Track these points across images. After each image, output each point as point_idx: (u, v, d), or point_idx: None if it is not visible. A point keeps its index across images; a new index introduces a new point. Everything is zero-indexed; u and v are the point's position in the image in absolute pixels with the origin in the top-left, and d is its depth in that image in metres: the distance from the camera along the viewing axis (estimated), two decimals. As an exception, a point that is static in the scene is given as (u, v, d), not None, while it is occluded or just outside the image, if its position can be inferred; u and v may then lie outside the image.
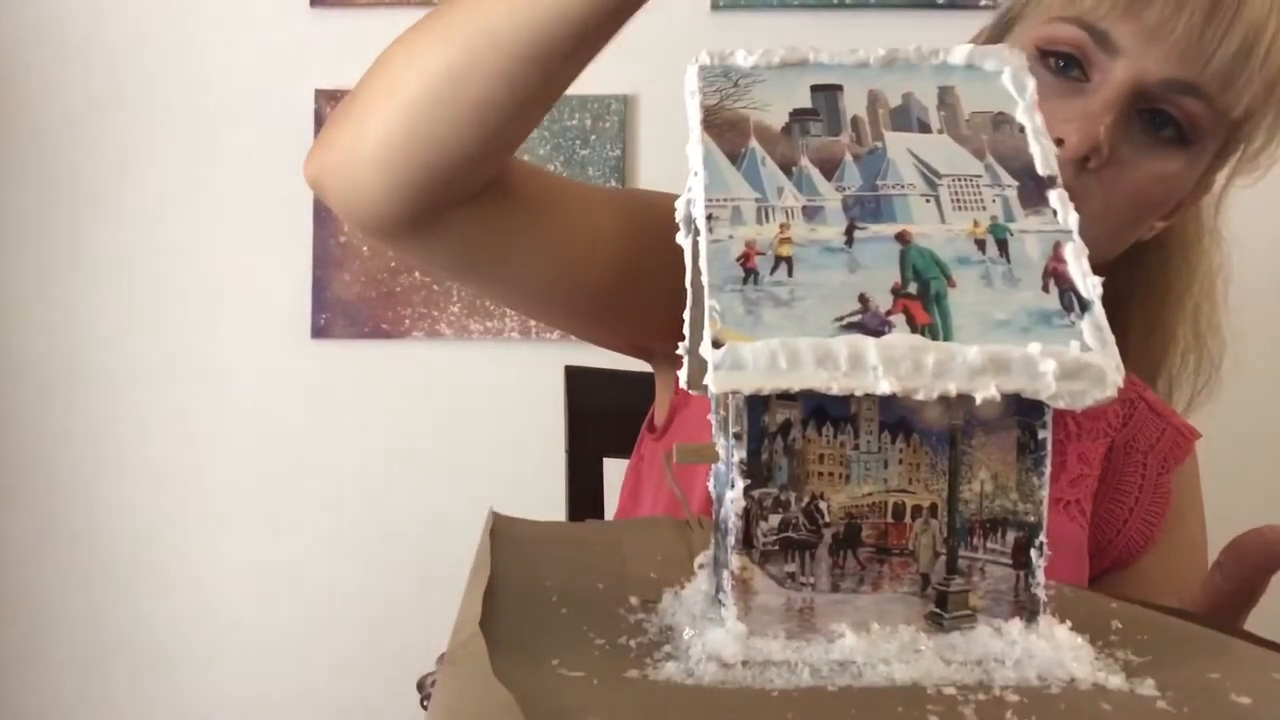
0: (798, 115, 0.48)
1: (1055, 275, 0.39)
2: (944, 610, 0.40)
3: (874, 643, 0.40)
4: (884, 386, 0.37)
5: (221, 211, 1.43)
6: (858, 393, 0.38)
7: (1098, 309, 0.38)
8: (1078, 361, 0.37)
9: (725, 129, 0.48)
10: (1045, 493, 0.40)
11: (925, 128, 0.46)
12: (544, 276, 0.73)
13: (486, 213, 0.67)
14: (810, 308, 0.40)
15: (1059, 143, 0.68)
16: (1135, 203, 0.73)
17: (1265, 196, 0.83)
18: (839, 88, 0.50)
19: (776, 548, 0.42)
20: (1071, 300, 0.38)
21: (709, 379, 0.39)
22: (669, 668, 0.39)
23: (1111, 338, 0.37)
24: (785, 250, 0.43)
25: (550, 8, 0.58)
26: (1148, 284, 0.87)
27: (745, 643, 0.41)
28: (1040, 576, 0.40)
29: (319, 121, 1.43)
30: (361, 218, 0.65)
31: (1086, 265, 0.39)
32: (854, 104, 0.48)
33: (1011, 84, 0.47)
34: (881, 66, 0.49)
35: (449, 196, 0.64)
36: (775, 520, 0.42)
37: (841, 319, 0.40)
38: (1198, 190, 0.79)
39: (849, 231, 0.43)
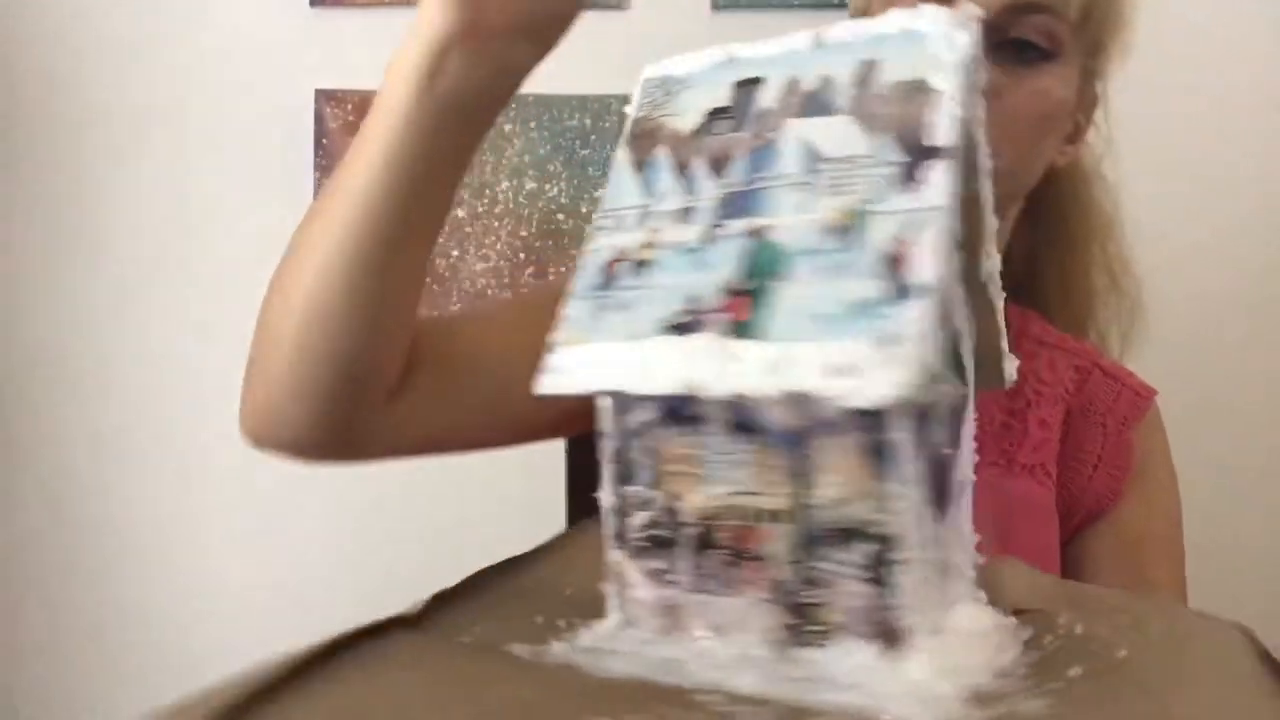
0: (712, 115, 0.47)
1: (897, 261, 0.35)
2: (802, 622, 0.38)
3: (715, 647, 0.38)
4: (670, 388, 0.36)
5: (222, 211, 1.43)
6: (652, 394, 0.37)
7: (927, 297, 0.34)
8: (849, 360, 0.34)
9: (642, 139, 0.48)
10: (909, 503, 0.36)
11: (831, 110, 0.43)
12: (505, 425, 0.74)
13: (413, 395, 0.68)
14: (644, 311, 0.40)
15: None
16: (1032, 122, 0.76)
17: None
18: (759, 81, 0.48)
19: (646, 544, 0.42)
20: (902, 288, 0.34)
21: (538, 381, 0.40)
22: (555, 647, 0.41)
23: (925, 329, 0.33)
24: (646, 255, 0.43)
25: (370, 201, 0.59)
26: (1052, 244, 0.90)
27: (617, 634, 0.42)
28: (903, 598, 0.36)
29: (319, 121, 1.42)
30: (305, 449, 0.66)
31: (941, 245, 0.35)
32: (769, 95, 0.46)
33: (943, 44, 0.43)
34: (811, 51, 0.47)
35: (368, 397, 0.65)
36: (642, 517, 0.42)
37: (665, 320, 0.39)
38: (1085, 104, 0.82)
39: (710, 230, 0.41)
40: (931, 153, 0.38)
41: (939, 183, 0.37)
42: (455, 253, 1.45)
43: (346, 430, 0.65)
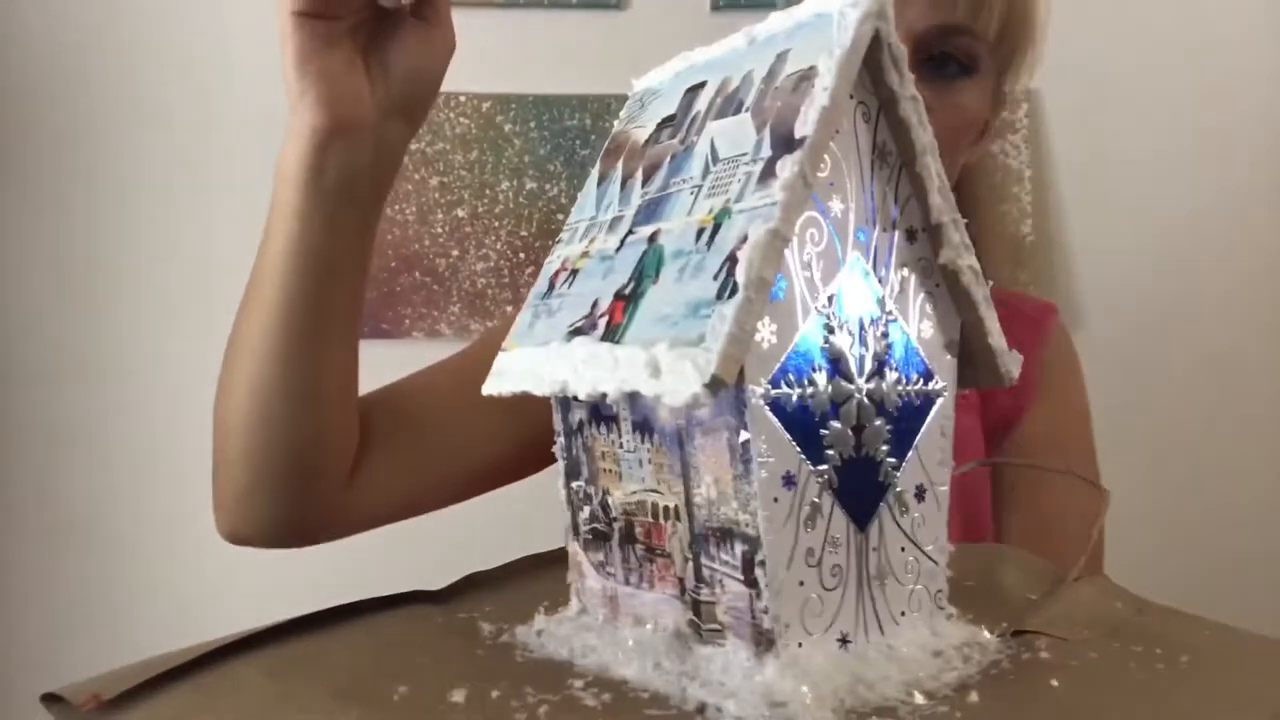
0: (660, 125, 0.47)
1: (734, 260, 0.34)
2: (699, 619, 0.38)
3: (631, 636, 0.40)
4: (552, 389, 0.37)
5: (222, 212, 1.44)
6: (547, 394, 0.39)
7: (740, 296, 0.33)
8: (660, 361, 0.33)
9: (611, 153, 0.49)
10: (759, 503, 0.35)
11: (740, 109, 0.43)
12: (469, 480, 0.77)
13: (371, 471, 0.70)
14: (563, 317, 0.41)
15: None
16: (951, 133, 0.80)
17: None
18: (702, 85, 0.48)
19: (590, 537, 0.44)
20: (732, 287, 0.33)
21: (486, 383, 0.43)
22: (518, 629, 0.44)
23: (735, 330, 0.32)
24: (580, 264, 0.44)
25: (281, 296, 0.61)
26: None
27: (571, 619, 0.44)
28: (768, 603, 0.35)
29: (321, 121, 1.43)
30: (277, 538, 0.68)
31: (765, 241, 0.34)
32: (703, 99, 0.46)
33: (836, 26, 0.39)
34: (745, 48, 0.46)
35: (325, 480, 0.67)
36: (585, 512, 0.44)
37: (572, 325, 0.40)
38: (995, 107, 0.87)
39: (624, 238, 0.42)
40: (793, 144, 0.36)
41: (785, 176, 0.36)
42: (455, 253, 1.45)
43: (310, 518, 0.67)
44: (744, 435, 0.35)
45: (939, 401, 0.42)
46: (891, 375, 0.40)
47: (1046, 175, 1.38)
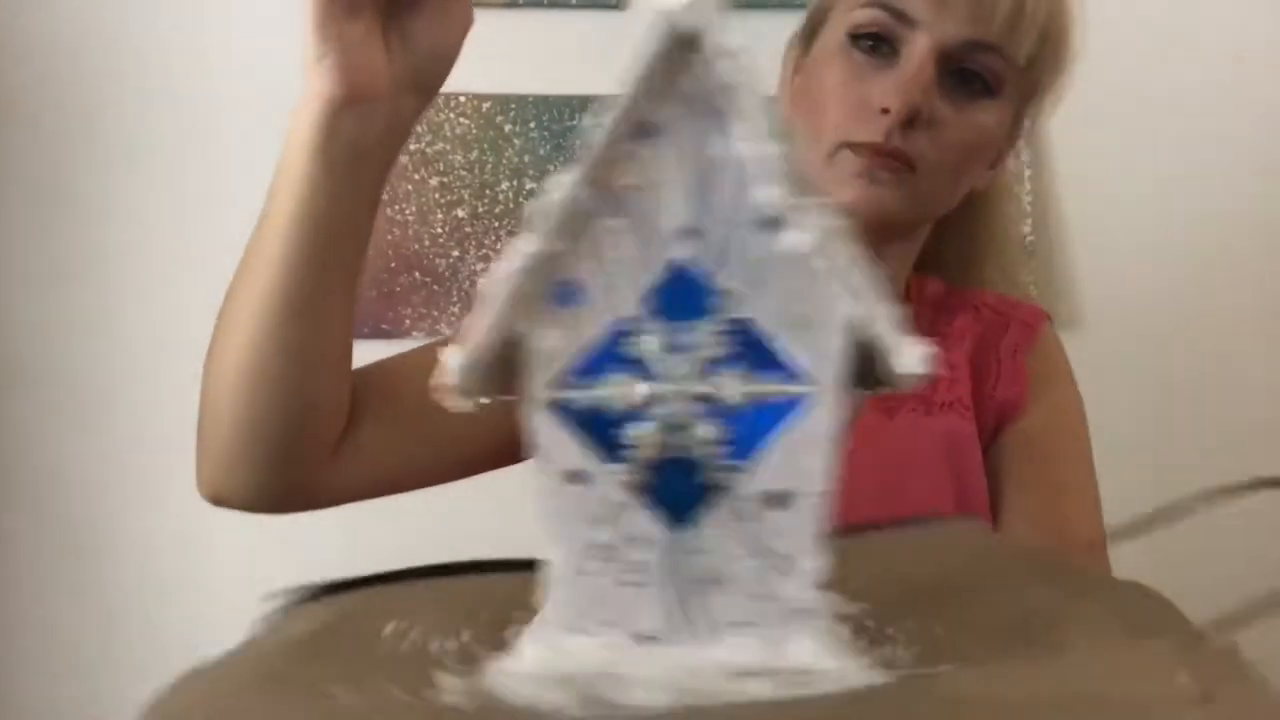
0: None
1: None
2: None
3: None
4: None
5: (222, 212, 1.44)
6: None
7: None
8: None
9: None
10: (539, 498, 0.40)
11: None
12: (457, 462, 0.78)
13: (362, 441, 0.71)
14: None
15: (884, 111, 0.78)
16: (962, 153, 0.82)
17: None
18: None
19: None
20: None
21: None
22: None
23: (474, 329, 0.37)
24: None
25: (283, 259, 0.62)
26: (958, 239, 0.96)
27: None
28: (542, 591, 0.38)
29: (320, 121, 1.42)
30: (259, 502, 0.69)
31: (514, 240, 0.37)
32: None
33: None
34: None
35: (313, 448, 0.68)
36: None
37: None
38: (1012, 136, 0.88)
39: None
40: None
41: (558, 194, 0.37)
42: (455, 253, 1.45)
43: (295, 484, 0.68)
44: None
45: (806, 403, 0.39)
46: (731, 375, 0.38)
47: (1046, 175, 1.39)
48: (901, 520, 0.57)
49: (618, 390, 0.37)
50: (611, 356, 0.38)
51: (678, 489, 0.38)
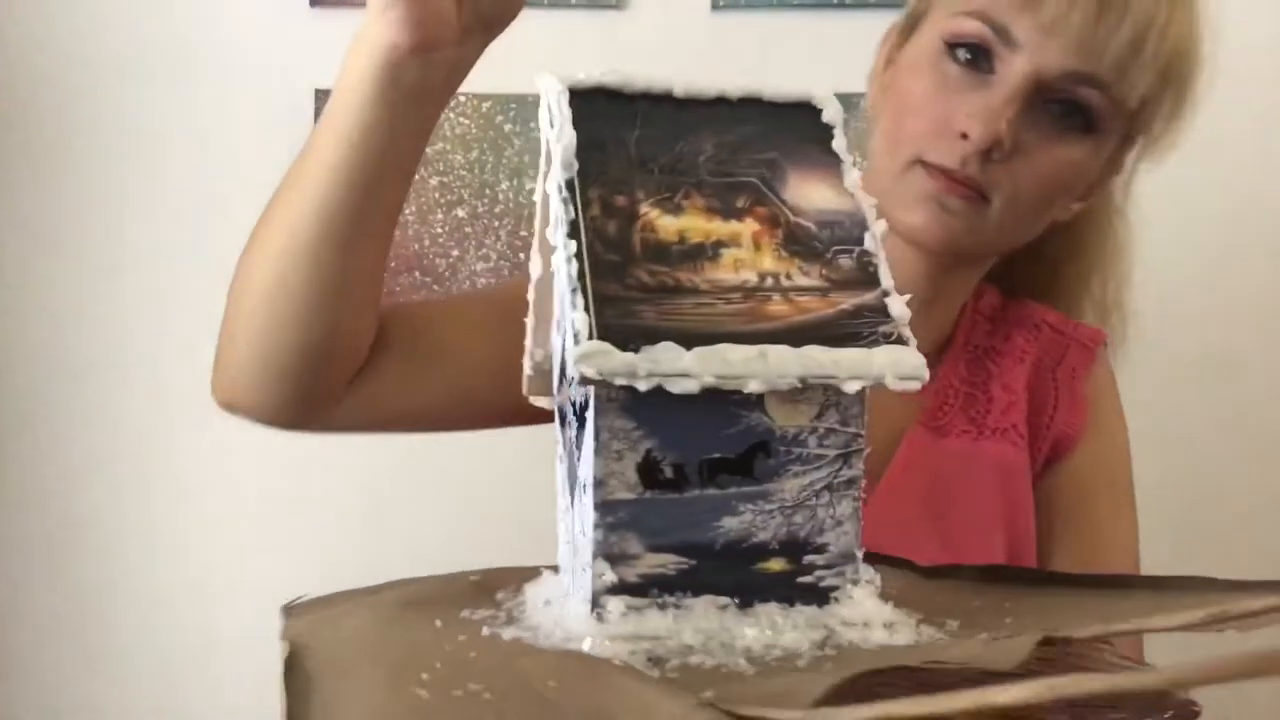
0: None
1: None
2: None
3: None
4: None
5: (221, 211, 1.43)
6: None
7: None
8: None
9: None
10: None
11: None
12: (466, 411, 0.77)
13: (378, 375, 0.71)
14: None
15: (964, 136, 0.73)
16: (1044, 188, 0.76)
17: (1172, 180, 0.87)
18: None
19: None
20: None
21: None
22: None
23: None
24: None
25: (326, 191, 0.62)
26: (1054, 258, 0.91)
27: None
28: None
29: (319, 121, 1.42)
30: (268, 417, 0.70)
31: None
32: None
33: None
34: None
35: (331, 372, 0.68)
36: None
37: None
38: (1107, 172, 0.82)
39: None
40: None
41: None
42: (455, 253, 1.45)
43: (308, 402, 0.69)
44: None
45: (590, 402, 0.42)
46: (566, 383, 0.45)
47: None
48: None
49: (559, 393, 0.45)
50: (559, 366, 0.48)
51: (571, 474, 0.48)
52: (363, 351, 0.70)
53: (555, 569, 0.49)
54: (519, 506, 1.15)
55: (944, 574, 0.56)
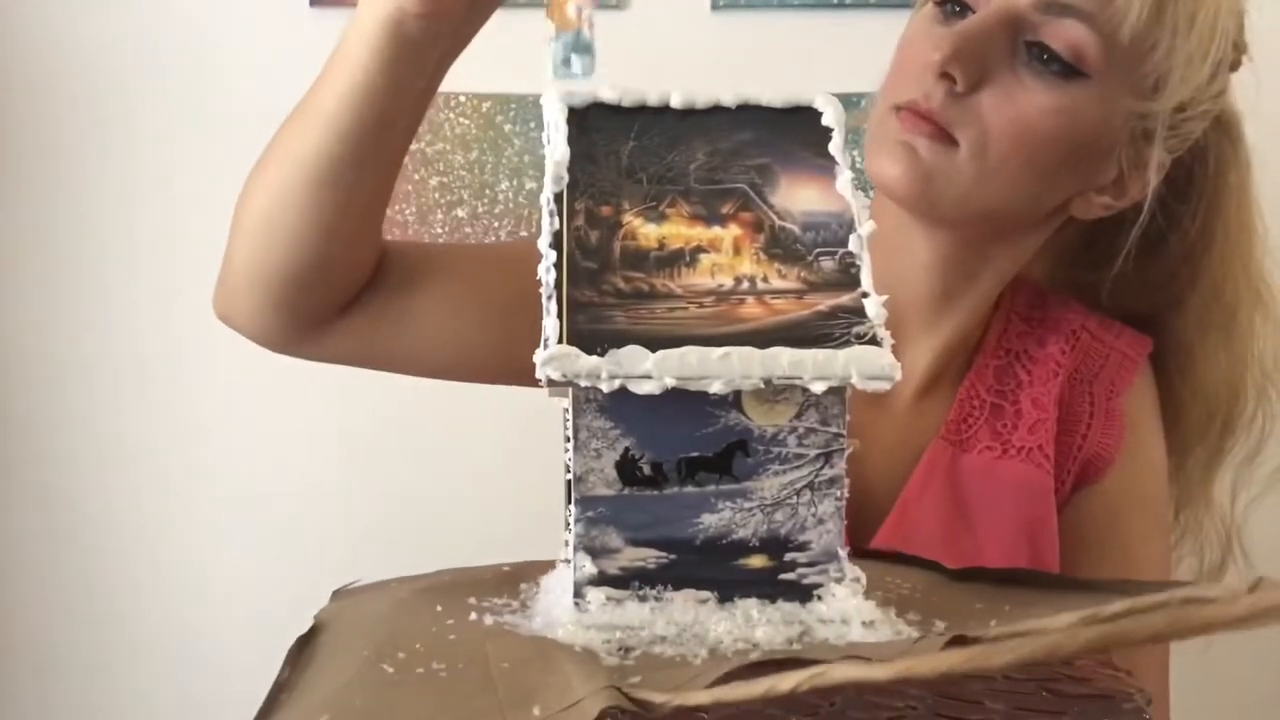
0: None
1: None
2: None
3: None
4: None
5: (221, 211, 1.44)
6: None
7: None
8: None
9: None
10: None
11: None
12: (451, 354, 0.77)
13: (371, 309, 0.73)
14: None
15: (930, 69, 0.69)
16: (1017, 135, 0.68)
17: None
18: None
19: None
20: None
21: None
22: None
23: None
24: None
25: (326, 130, 0.63)
26: (1203, 327, 0.82)
27: None
28: None
29: (320, 121, 1.42)
30: (257, 335, 0.73)
31: None
32: None
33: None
34: None
35: (320, 300, 0.70)
36: None
37: None
38: (1135, 156, 0.72)
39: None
40: None
41: None
42: (455, 252, 1.46)
43: (296, 325, 0.71)
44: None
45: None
46: None
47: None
48: None
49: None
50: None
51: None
52: (355, 283, 0.72)
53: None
54: (531, 501, 1.15)
55: (970, 576, 0.57)
